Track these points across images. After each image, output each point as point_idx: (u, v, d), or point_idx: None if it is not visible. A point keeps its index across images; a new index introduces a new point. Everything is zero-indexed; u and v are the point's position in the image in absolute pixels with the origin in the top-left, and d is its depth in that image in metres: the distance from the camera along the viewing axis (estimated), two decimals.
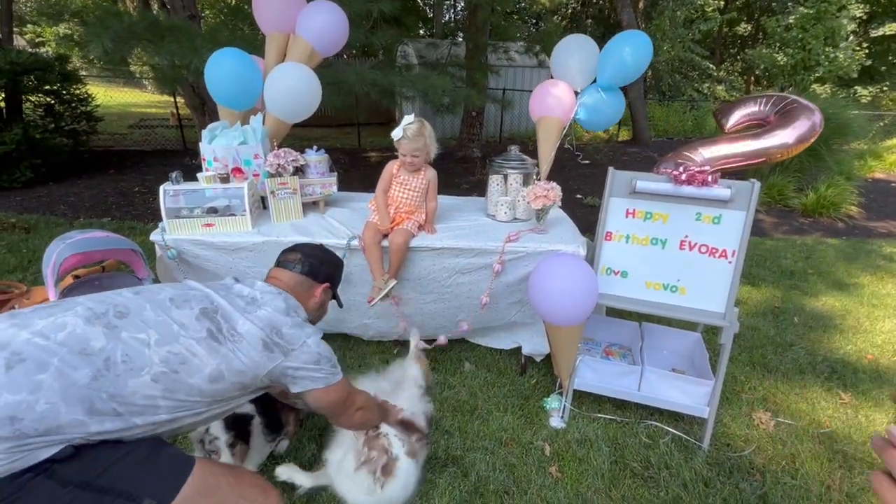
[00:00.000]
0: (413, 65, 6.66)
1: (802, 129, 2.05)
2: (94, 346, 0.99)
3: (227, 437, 1.66)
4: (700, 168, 1.87)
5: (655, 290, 2.04)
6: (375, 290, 2.16)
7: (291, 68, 2.41)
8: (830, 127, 6.44)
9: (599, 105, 2.37)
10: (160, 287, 1.23)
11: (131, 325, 1.06)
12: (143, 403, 1.01)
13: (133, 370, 1.01)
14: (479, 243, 2.18)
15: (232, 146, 2.35)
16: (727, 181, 1.86)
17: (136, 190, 5.59)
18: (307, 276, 1.49)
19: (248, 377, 1.18)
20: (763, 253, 4.40)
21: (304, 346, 1.26)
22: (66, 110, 6.46)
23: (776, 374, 2.57)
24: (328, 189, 2.52)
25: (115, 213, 4.83)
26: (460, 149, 8.36)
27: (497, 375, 2.46)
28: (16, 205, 4.92)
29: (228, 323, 1.18)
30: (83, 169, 6.37)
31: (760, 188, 1.84)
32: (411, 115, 2.17)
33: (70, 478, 0.90)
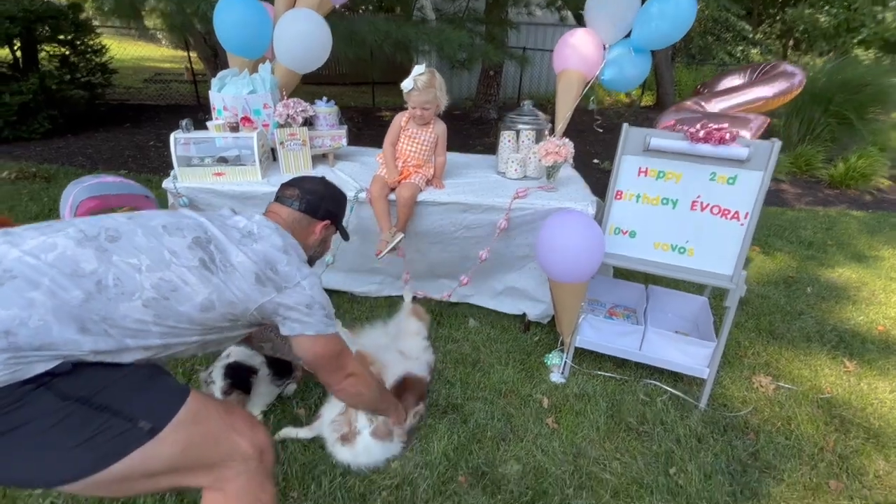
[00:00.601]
0: (429, 19, 6.42)
1: (781, 87, 2.06)
2: (84, 269, 0.99)
3: (224, 384, 1.73)
4: (719, 125, 1.80)
5: (663, 251, 2.01)
6: (383, 243, 2.18)
7: (301, 15, 2.34)
8: (867, 95, 6.10)
9: (627, 64, 2.27)
10: (154, 213, 1.21)
11: (122, 250, 1.05)
12: (134, 327, 1.02)
13: (124, 294, 1.01)
14: (486, 199, 2.16)
15: (241, 95, 2.33)
16: (746, 139, 1.80)
17: (152, 143, 5.63)
18: (305, 213, 1.43)
19: (238, 309, 1.17)
20: (782, 223, 4.28)
21: (297, 287, 1.23)
22: (80, 61, 6.43)
23: (781, 341, 2.56)
24: (338, 142, 2.51)
25: (132, 166, 4.90)
26: (476, 109, 8.14)
27: (500, 332, 2.50)
28: (36, 155, 5.02)
29: (222, 254, 1.16)
30: (100, 122, 6.42)
31: (781, 148, 1.78)
32: (422, 66, 2.11)
33: (69, 392, 0.93)
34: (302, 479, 1.63)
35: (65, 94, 5.97)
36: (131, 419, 0.96)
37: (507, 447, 1.83)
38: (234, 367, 1.81)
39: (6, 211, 3.46)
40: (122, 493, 1.02)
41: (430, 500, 1.60)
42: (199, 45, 5.80)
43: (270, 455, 1.18)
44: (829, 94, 6.10)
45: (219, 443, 1.08)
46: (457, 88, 9.56)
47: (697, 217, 1.93)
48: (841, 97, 6.03)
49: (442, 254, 2.36)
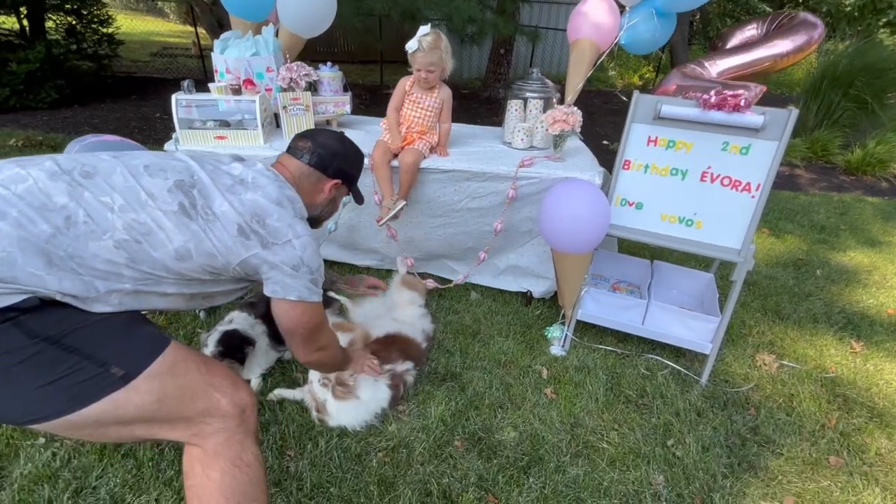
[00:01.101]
0: None
1: (800, 41, 1.94)
2: (55, 203, 0.95)
3: (215, 350, 1.71)
4: (734, 92, 1.74)
5: (670, 223, 1.97)
6: (384, 210, 2.15)
7: None
8: (889, 79, 5.89)
9: (648, 28, 2.16)
10: (141, 153, 1.14)
11: (96, 187, 1.00)
12: (104, 269, 0.97)
13: (94, 232, 0.96)
14: (491, 167, 2.12)
15: (244, 57, 2.29)
16: (761, 108, 1.73)
17: (158, 115, 5.61)
18: (315, 168, 1.33)
19: (218, 262, 1.10)
20: (795, 207, 4.19)
21: (287, 245, 1.14)
22: (86, 31, 6.39)
23: (787, 322, 2.52)
24: (341, 108, 2.46)
25: (137, 137, 4.88)
26: (485, 89, 8.00)
27: (502, 305, 2.48)
28: (42, 124, 5.01)
29: (205, 200, 1.09)
30: (107, 93, 6.39)
31: (797, 132, 1.72)
32: (427, 26, 2.05)
33: (38, 330, 0.89)
34: (299, 439, 1.64)
35: (72, 65, 5.95)
36: (103, 364, 0.93)
37: (504, 415, 1.83)
38: (231, 335, 1.78)
39: None
40: (98, 438, 0.98)
41: (426, 463, 1.60)
42: (206, 15, 5.71)
43: (252, 415, 1.12)
44: (849, 77, 5.90)
45: (196, 397, 1.04)
46: (466, 67, 9.38)
47: (707, 189, 1.88)
48: (861, 81, 5.84)
49: (445, 229, 2.32)
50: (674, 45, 9.91)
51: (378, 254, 2.50)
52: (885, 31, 11.19)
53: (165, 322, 2.18)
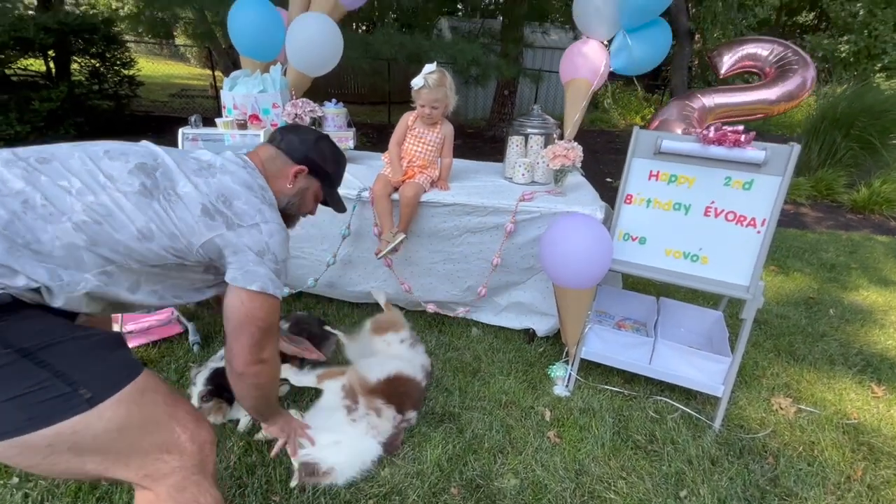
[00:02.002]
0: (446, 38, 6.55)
1: (790, 87, 1.98)
2: (11, 188, 0.93)
3: (203, 388, 1.65)
4: (734, 128, 1.74)
5: (675, 258, 1.92)
6: (383, 243, 2.13)
7: (312, 19, 2.38)
8: (890, 119, 5.97)
9: (632, 50, 2.19)
10: (103, 142, 1.12)
11: (53, 171, 0.98)
12: (64, 254, 0.94)
13: (53, 215, 0.94)
14: (491, 201, 2.11)
15: (251, 94, 2.36)
16: (762, 143, 1.72)
17: None
18: (282, 150, 1.28)
19: (181, 244, 1.05)
20: (802, 245, 4.13)
21: (253, 228, 1.09)
22: (109, 73, 6.70)
23: (803, 363, 2.41)
24: (345, 143, 2.50)
25: None
26: (490, 128, 8.21)
27: (504, 342, 2.41)
28: None
29: (169, 181, 1.06)
30: (124, 130, 6.61)
31: (800, 171, 1.71)
32: (433, 65, 2.10)
33: (13, 340, 0.87)
34: (285, 483, 1.55)
35: (92, 104, 6.20)
36: (72, 384, 0.89)
37: (504, 460, 1.72)
38: (221, 373, 1.70)
39: None
40: (45, 469, 0.90)
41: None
42: (222, 57, 6.00)
43: (212, 454, 1.06)
44: (849, 119, 5.98)
45: (157, 430, 0.98)
46: (472, 107, 9.68)
47: (711, 223, 1.85)
48: (862, 122, 5.91)
49: (445, 265, 2.28)
50: (674, 89, 10.21)
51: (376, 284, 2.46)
52: (882, 75, 11.45)
53: (158, 355, 2.13)
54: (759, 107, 2.01)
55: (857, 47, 11.40)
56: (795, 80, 2.00)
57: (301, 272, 2.40)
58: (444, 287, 2.33)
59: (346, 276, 2.41)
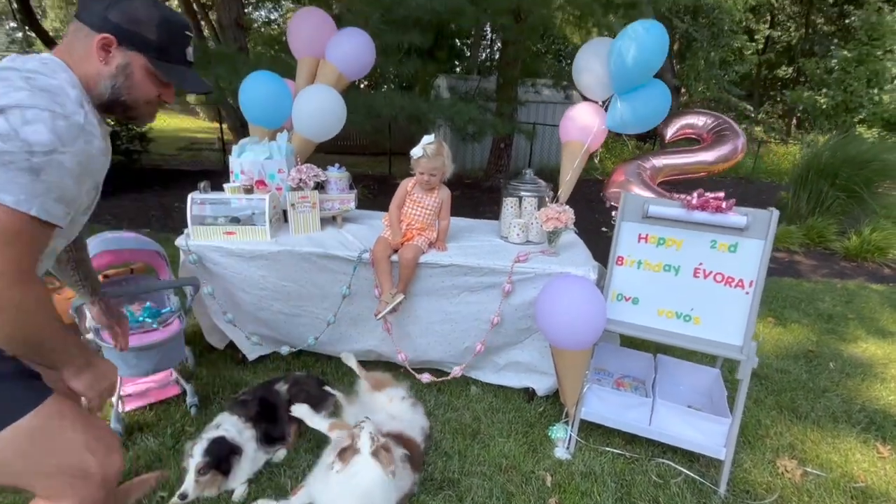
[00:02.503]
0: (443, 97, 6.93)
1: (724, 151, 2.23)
2: None
3: (202, 461, 1.63)
4: (715, 195, 1.83)
5: (668, 318, 1.96)
6: (383, 303, 2.18)
7: (317, 90, 2.55)
8: (873, 170, 6.17)
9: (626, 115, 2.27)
10: None
11: None
12: None
13: None
14: (488, 262, 2.17)
15: (258, 160, 2.48)
16: (744, 209, 1.81)
17: (176, 205, 5.93)
18: (80, 19, 1.00)
19: None
20: (798, 295, 4.16)
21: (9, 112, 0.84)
22: (122, 130, 7.01)
23: (806, 421, 2.38)
24: (346, 205, 2.60)
25: (155, 225, 5.12)
26: (487, 179, 8.47)
27: (503, 401, 2.39)
28: None
29: None
30: (132, 184, 6.83)
31: (791, 219, 1.81)
32: (431, 136, 2.24)
33: None
34: None
35: None
36: None
37: None
38: (218, 445, 1.69)
39: None
40: None
41: None
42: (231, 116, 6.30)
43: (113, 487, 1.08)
44: (834, 168, 6.19)
45: (66, 454, 1.00)
46: (469, 158, 10.02)
47: (701, 284, 1.90)
48: (847, 171, 6.11)
49: (443, 325, 2.31)
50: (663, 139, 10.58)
51: (373, 352, 2.47)
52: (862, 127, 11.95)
53: (154, 418, 2.11)
54: (700, 167, 2.26)
55: (834, 101, 11.97)
56: (729, 146, 2.22)
57: (301, 330, 2.42)
58: (442, 347, 2.35)
59: (346, 333, 2.44)
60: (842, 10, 13.86)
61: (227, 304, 2.39)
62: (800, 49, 16.77)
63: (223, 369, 2.52)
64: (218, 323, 2.44)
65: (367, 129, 4.24)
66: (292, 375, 2.21)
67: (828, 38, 15.35)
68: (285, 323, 2.42)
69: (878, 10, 11.65)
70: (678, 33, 12.46)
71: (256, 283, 2.30)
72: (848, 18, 12.50)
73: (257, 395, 2.03)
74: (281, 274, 2.28)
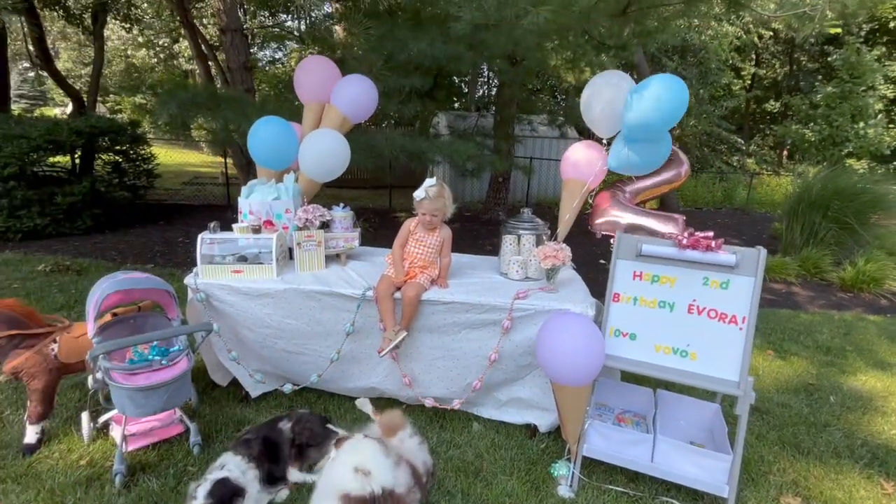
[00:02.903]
0: (442, 135, 7.18)
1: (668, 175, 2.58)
2: None
3: (205, 502, 1.64)
4: (705, 234, 1.92)
5: (665, 354, 2.01)
6: (386, 340, 2.22)
7: (323, 134, 2.68)
8: (863, 201, 6.31)
9: (633, 159, 2.26)
10: None
11: None
12: None
13: None
14: (488, 299, 2.23)
15: (266, 201, 2.58)
16: (732, 247, 1.89)
17: (180, 240, 6.02)
18: None
19: None
20: (796, 327, 4.20)
21: None
22: (130, 167, 7.18)
23: (809, 457, 2.38)
24: (351, 243, 2.68)
25: (159, 260, 5.19)
26: (486, 212, 8.63)
27: (505, 438, 2.39)
28: (73, 249, 5.38)
29: None
30: (137, 219, 6.95)
31: (787, 251, 1.88)
32: (433, 178, 2.35)
33: None
34: None
35: (111, 196, 6.57)
36: None
37: None
38: (222, 486, 1.70)
39: (34, 302, 3.64)
40: None
41: None
42: (236, 155, 6.49)
43: None
44: (825, 200, 6.33)
45: None
46: (468, 192, 10.22)
47: (696, 321, 1.96)
48: (838, 203, 6.25)
49: (445, 361, 2.34)
50: None
51: (376, 389, 2.49)
52: (852, 160, 12.27)
53: (157, 458, 2.11)
54: (663, 186, 2.64)
55: (821, 135, 12.34)
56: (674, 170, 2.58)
57: (304, 368, 2.45)
58: (444, 384, 2.37)
59: (349, 371, 2.46)
60: (823, 49, 14.49)
61: (231, 342, 2.43)
62: (785, 85, 17.41)
63: (226, 407, 2.52)
64: (222, 360, 2.47)
65: (368, 166, 4.37)
66: (296, 413, 2.22)
67: (812, 74, 15.98)
68: (288, 361, 2.45)
69: (857, 51, 12.19)
70: (668, 71, 12.96)
71: (261, 321, 2.34)
72: (829, 57, 13.04)
73: (261, 434, 2.04)
74: (286, 311, 2.33)
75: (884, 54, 12.77)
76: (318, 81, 2.83)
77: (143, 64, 16.05)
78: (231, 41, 5.81)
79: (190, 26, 6.65)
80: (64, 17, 8.83)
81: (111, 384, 1.91)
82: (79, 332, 2.28)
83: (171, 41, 15.22)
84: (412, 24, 4.16)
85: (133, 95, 16.76)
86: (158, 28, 12.58)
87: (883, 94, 12.40)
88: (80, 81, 16.77)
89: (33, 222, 5.61)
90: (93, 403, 2.28)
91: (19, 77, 21.79)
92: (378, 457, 1.70)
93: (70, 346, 2.21)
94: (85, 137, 6.17)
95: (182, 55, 16.02)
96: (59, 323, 2.31)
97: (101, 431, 2.24)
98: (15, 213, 5.55)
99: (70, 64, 18.74)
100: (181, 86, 4.90)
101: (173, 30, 12.41)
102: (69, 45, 17.69)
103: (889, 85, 12.69)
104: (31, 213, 5.61)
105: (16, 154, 5.44)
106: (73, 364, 2.20)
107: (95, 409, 2.26)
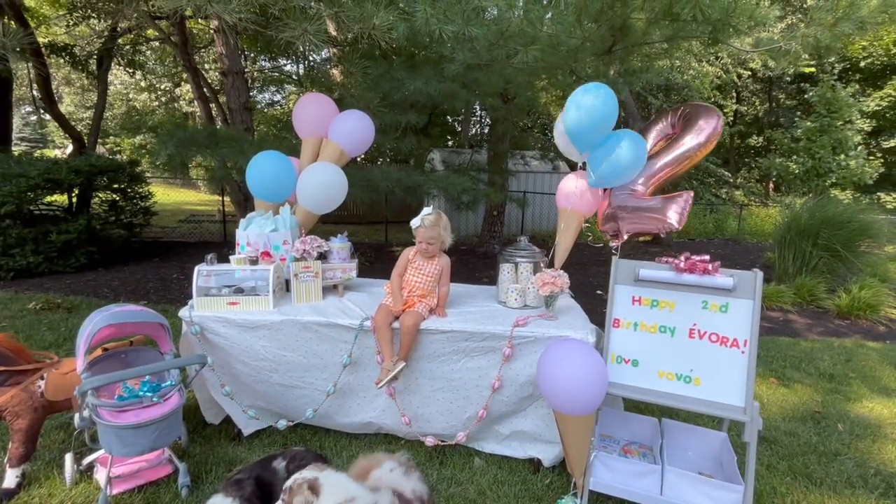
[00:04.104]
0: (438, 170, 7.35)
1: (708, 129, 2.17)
2: None
3: None
4: (701, 258, 1.93)
5: (669, 380, 1.97)
6: (384, 371, 2.17)
7: (320, 167, 2.73)
8: (852, 230, 6.43)
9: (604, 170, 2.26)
10: None
11: None
12: None
13: None
14: (488, 327, 2.21)
15: (264, 233, 2.59)
16: (729, 270, 1.90)
17: (175, 276, 5.97)
18: None
19: None
20: (797, 354, 4.16)
21: None
22: (127, 205, 7.21)
23: (822, 487, 2.30)
24: (348, 273, 2.68)
25: (153, 297, 5.12)
26: (482, 245, 8.68)
27: (508, 473, 2.31)
28: (65, 287, 5.31)
29: None
30: (132, 256, 6.91)
31: (780, 279, 1.88)
32: (430, 207, 2.37)
33: None
34: None
35: (106, 233, 6.56)
36: None
37: None
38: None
39: (23, 340, 3.55)
40: None
41: None
42: (234, 191, 6.57)
43: None
44: (814, 229, 6.45)
45: None
46: (464, 226, 10.31)
47: (697, 345, 1.94)
48: (826, 232, 6.36)
49: (445, 393, 2.29)
50: None
51: (373, 424, 2.41)
52: (836, 190, 12.60)
53: (143, 502, 2.00)
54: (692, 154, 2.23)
55: (805, 167, 12.74)
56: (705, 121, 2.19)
57: (299, 403, 2.38)
58: (444, 417, 2.31)
59: (346, 405, 2.39)
60: (799, 87, 15.18)
61: (225, 377, 2.37)
62: (766, 121, 18.09)
63: (217, 446, 2.43)
64: (215, 396, 2.40)
65: (365, 201, 4.43)
66: (290, 451, 2.13)
67: (791, 111, 16.65)
68: (283, 395, 2.38)
69: (832, 87, 12.79)
70: (653, 108, 13.45)
71: (256, 354, 2.29)
72: (806, 94, 13.66)
73: (253, 473, 1.95)
74: (282, 343, 2.28)
75: (858, 91, 13.40)
76: (316, 117, 2.91)
77: (144, 107, 16.47)
78: (232, 83, 6.02)
79: (193, 70, 6.90)
80: (70, 62, 9.12)
81: (98, 422, 1.84)
82: (67, 368, 2.21)
83: (172, 85, 15.69)
84: (407, 66, 4.34)
85: (133, 136, 17.08)
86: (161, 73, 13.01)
87: (860, 128, 12.91)
88: (82, 124, 17.13)
89: (26, 260, 5.57)
90: (78, 444, 2.19)
91: (21, 121, 22.23)
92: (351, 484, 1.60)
93: (57, 382, 2.14)
94: (83, 176, 6.22)
95: (183, 98, 16.48)
96: (48, 358, 2.25)
97: (84, 474, 2.14)
98: (8, 251, 5.52)
99: (72, 108, 19.18)
100: (180, 126, 5.03)
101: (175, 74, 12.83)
102: (72, 90, 18.18)
103: (865, 119, 13.24)
104: (24, 251, 5.58)
105: (13, 193, 5.46)
106: (59, 402, 2.13)
107: (80, 451, 2.17)
